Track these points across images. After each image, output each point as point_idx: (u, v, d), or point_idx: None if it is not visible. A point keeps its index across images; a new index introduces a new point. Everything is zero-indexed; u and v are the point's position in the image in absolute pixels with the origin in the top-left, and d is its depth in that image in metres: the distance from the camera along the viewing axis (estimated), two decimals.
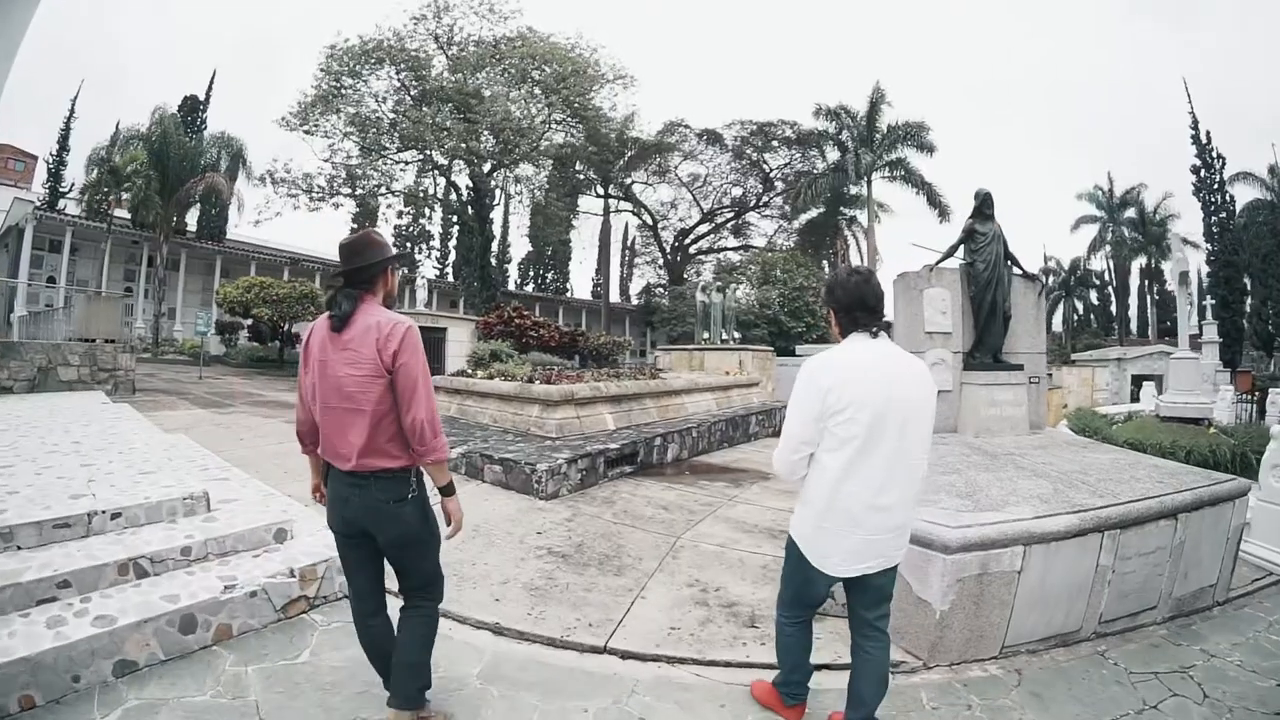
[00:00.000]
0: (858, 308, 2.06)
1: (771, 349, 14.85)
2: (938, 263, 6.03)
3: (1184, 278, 11.54)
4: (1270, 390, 17.10)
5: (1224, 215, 27.28)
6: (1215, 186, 27.67)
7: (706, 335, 14.65)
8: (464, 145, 20.05)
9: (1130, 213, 35.35)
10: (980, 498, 3.35)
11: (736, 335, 15.15)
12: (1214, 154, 28.26)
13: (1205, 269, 29.21)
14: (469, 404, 8.50)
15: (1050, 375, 11.86)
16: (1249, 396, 15.44)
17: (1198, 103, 29.04)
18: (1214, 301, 15.11)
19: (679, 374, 11.01)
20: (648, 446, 6.94)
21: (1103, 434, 8.64)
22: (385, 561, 2.15)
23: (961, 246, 5.96)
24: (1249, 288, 26.49)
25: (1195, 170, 28.36)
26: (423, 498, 2.08)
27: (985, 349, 5.79)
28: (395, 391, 1.95)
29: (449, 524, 2.10)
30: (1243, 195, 28.31)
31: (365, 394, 1.94)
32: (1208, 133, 28.64)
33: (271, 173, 21.93)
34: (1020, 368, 5.95)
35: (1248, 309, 26.29)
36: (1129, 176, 45.37)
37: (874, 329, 2.06)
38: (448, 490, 2.08)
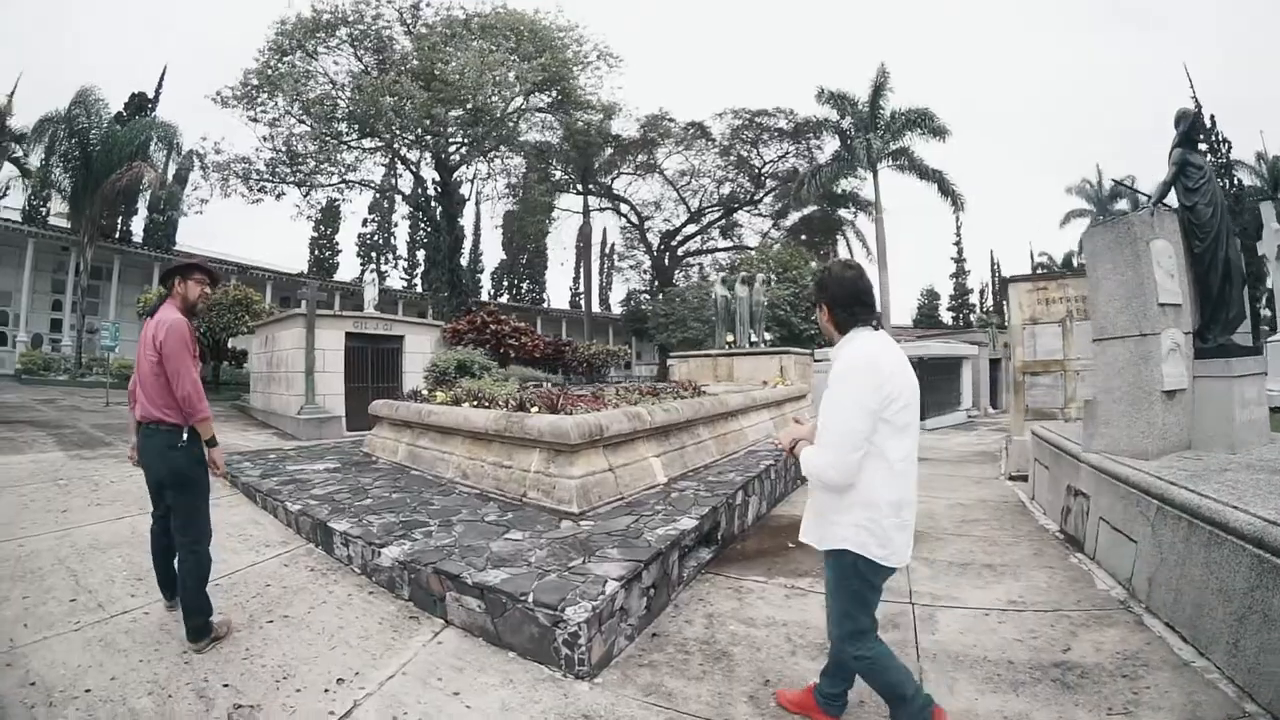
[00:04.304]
0: (856, 303, 2.01)
1: (810, 352, 12.13)
2: (1155, 203, 4.06)
3: None
4: None
5: (1235, 198, 25.59)
6: (1221, 170, 26.01)
7: (731, 337, 11.81)
8: (427, 118, 16.98)
9: (1121, 204, 34.02)
10: None
11: (768, 336, 12.30)
12: (1219, 137, 26.69)
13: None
14: (423, 445, 5.54)
15: None
16: None
17: (1172, 95, 27.56)
18: None
19: (720, 388, 8.21)
20: (728, 510, 4.12)
21: None
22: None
23: (1173, 187, 4.14)
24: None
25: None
26: (189, 450, 2.73)
27: (1221, 327, 4.13)
28: (165, 370, 2.67)
29: (216, 469, 2.87)
30: None
31: (151, 365, 2.68)
32: (1212, 116, 27.09)
33: (200, 154, 18.84)
34: (1259, 351, 4.24)
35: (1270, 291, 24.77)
36: (1116, 169, 44.70)
37: (874, 323, 2.01)
38: (212, 442, 2.82)
